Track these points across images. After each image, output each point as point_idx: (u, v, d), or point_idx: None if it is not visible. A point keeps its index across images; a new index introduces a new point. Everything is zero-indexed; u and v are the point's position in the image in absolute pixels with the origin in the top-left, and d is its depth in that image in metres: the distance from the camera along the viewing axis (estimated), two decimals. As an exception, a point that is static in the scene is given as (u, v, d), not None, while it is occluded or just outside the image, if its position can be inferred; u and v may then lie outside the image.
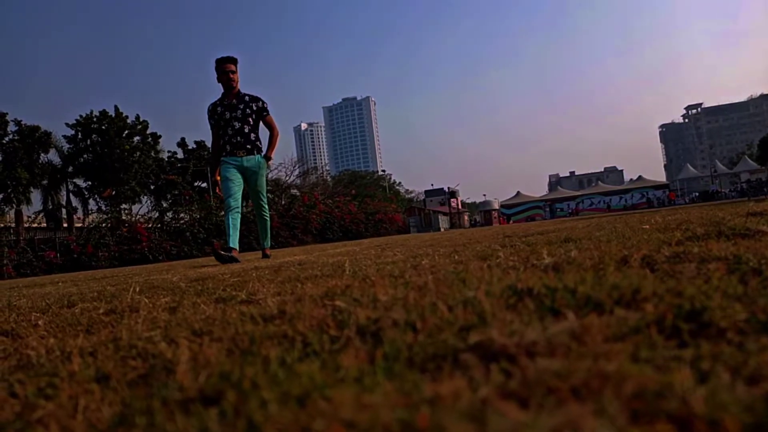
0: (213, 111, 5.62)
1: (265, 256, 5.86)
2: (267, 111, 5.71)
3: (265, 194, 5.78)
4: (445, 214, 46.79)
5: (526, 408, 0.52)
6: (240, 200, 5.45)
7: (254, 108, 5.60)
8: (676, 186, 53.02)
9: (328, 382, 0.67)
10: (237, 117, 5.52)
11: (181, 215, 19.13)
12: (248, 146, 5.55)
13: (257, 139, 5.67)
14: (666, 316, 0.78)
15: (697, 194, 50.18)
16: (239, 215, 5.38)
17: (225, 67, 5.48)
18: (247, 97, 5.59)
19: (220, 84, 5.56)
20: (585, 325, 0.76)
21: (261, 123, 5.76)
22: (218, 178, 5.59)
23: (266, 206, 5.82)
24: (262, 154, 5.69)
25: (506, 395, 0.56)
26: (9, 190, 32.65)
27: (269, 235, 6.05)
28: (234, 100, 5.55)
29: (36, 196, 35.27)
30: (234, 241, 5.27)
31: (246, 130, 5.54)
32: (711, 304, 0.81)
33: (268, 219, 5.94)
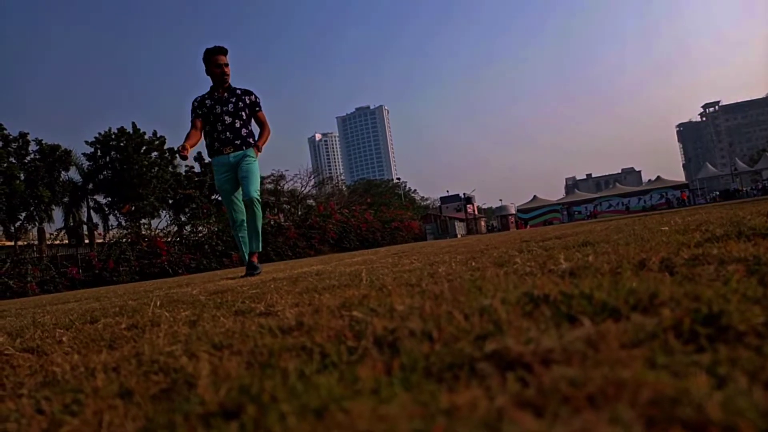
0: (201, 104, 5.09)
1: (251, 266, 4.95)
2: (259, 106, 5.23)
3: (256, 182, 5.00)
4: (461, 220, 46.59)
5: (542, 417, 0.53)
6: (243, 210, 5.06)
7: (247, 102, 5.14)
8: (696, 185, 52.26)
9: (345, 394, 0.67)
10: (228, 111, 5.04)
11: (200, 228, 19.36)
12: (237, 142, 5.03)
13: (249, 134, 5.14)
14: (683, 320, 0.78)
15: (717, 193, 49.39)
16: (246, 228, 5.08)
17: (218, 59, 5.00)
18: (238, 91, 5.14)
19: (209, 77, 5.08)
20: (601, 332, 0.76)
21: (253, 120, 5.24)
22: (188, 144, 4.83)
23: (258, 197, 4.99)
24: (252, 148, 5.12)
25: (522, 404, 0.56)
26: (32, 209, 33.28)
27: (260, 237, 5.11)
28: (225, 94, 5.09)
29: (58, 213, 35.92)
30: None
31: (237, 125, 5.05)
32: (729, 308, 0.80)
33: (259, 214, 5.06)
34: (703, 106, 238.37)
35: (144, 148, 37.88)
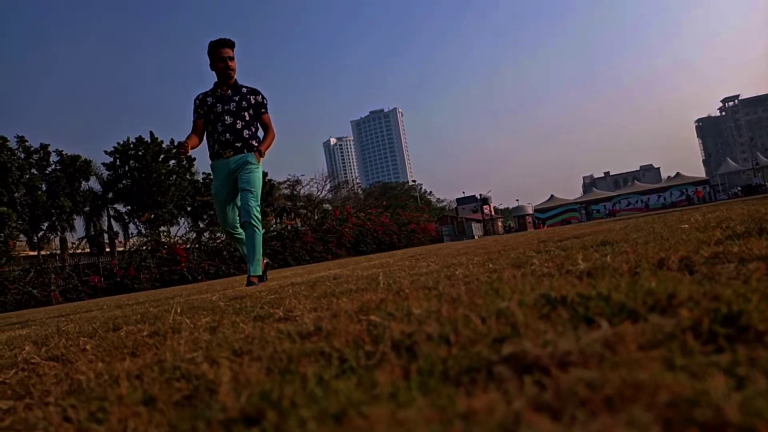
0: (202, 103, 4.68)
1: (250, 284, 4.33)
2: (265, 108, 4.77)
3: (255, 194, 4.53)
4: (478, 221, 46.43)
5: (559, 420, 0.53)
6: (237, 219, 4.68)
7: (252, 101, 4.69)
8: (716, 181, 51.41)
9: (364, 399, 0.68)
10: (230, 111, 4.59)
11: (218, 235, 19.53)
12: (237, 144, 4.57)
13: (252, 137, 4.66)
14: (702, 321, 0.77)
15: (739, 189, 48.57)
16: (243, 237, 4.64)
17: (222, 53, 4.57)
18: (244, 89, 4.71)
19: (213, 72, 4.67)
20: (619, 334, 0.76)
21: (258, 122, 4.78)
22: (188, 143, 4.45)
23: (256, 212, 4.49)
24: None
25: (539, 407, 0.57)
26: (53, 219, 33.93)
27: (259, 258, 4.51)
28: (229, 92, 4.66)
29: (79, 222, 36.63)
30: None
31: (238, 127, 4.59)
32: (749, 307, 0.79)
33: (258, 232, 4.50)
34: (722, 101, 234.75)
35: (162, 156, 38.38)
